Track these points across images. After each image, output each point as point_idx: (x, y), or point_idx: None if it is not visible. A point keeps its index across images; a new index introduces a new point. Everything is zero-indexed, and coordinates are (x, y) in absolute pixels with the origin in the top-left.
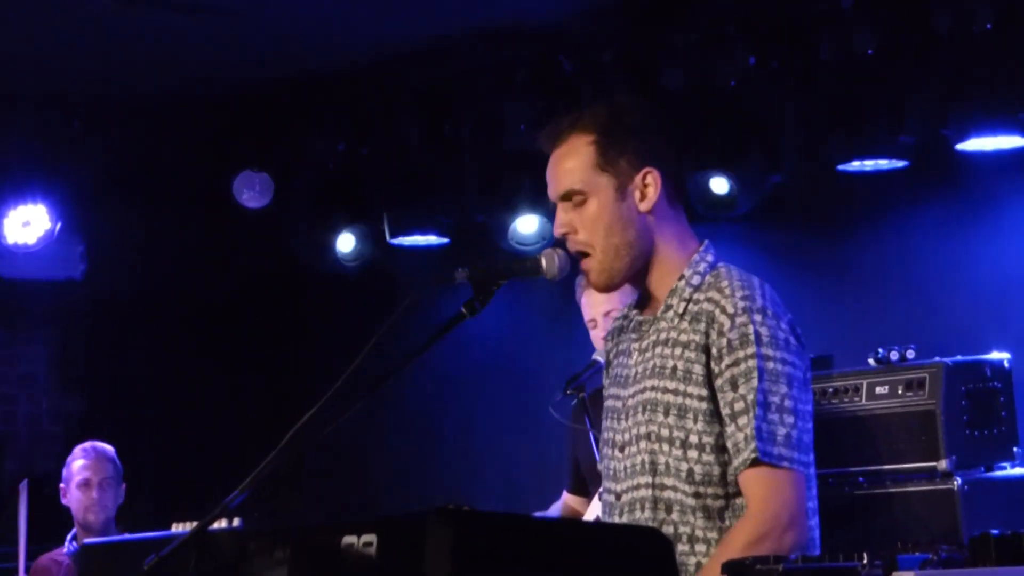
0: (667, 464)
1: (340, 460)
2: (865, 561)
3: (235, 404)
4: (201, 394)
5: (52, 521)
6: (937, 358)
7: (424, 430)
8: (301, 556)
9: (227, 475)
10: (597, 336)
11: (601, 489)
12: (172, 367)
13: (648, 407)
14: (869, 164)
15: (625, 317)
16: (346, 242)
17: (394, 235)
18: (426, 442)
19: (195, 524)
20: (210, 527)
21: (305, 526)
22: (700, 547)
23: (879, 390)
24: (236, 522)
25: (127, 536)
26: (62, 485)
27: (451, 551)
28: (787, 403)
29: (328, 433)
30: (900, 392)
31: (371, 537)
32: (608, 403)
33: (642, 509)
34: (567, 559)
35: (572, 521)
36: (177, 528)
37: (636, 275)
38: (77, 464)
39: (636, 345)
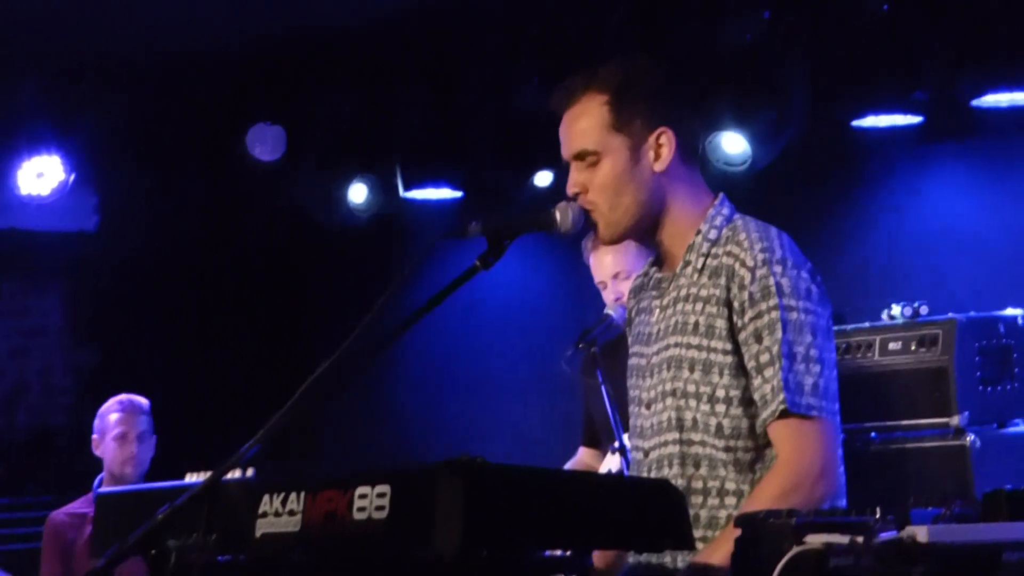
0: (694, 420)
1: (353, 413)
2: (878, 516)
3: (248, 356)
4: (214, 346)
5: (63, 475)
6: (950, 314)
7: (437, 383)
8: (314, 506)
9: (240, 426)
10: (608, 297)
11: (624, 446)
12: (185, 319)
13: (673, 364)
14: (883, 120)
15: (645, 275)
16: (359, 195)
17: (408, 188)
18: (439, 396)
19: (209, 474)
20: (224, 477)
21: (318, 477)
22: (730, 500)
23: (892, 346)
24: (250, 472)
25: (141, 486)
26: (95, 436)
27: (462, 502)
28: (812, 352)
29: (342, 386)
30: (913, 348)
31: (384, 488)
32: (632, 361)
33: (670, 465)
34: (577, 511)
35: (582, 473)
36: (191, 478)
37: (648, 232)
38: (113, 417)
39: (657, 303)
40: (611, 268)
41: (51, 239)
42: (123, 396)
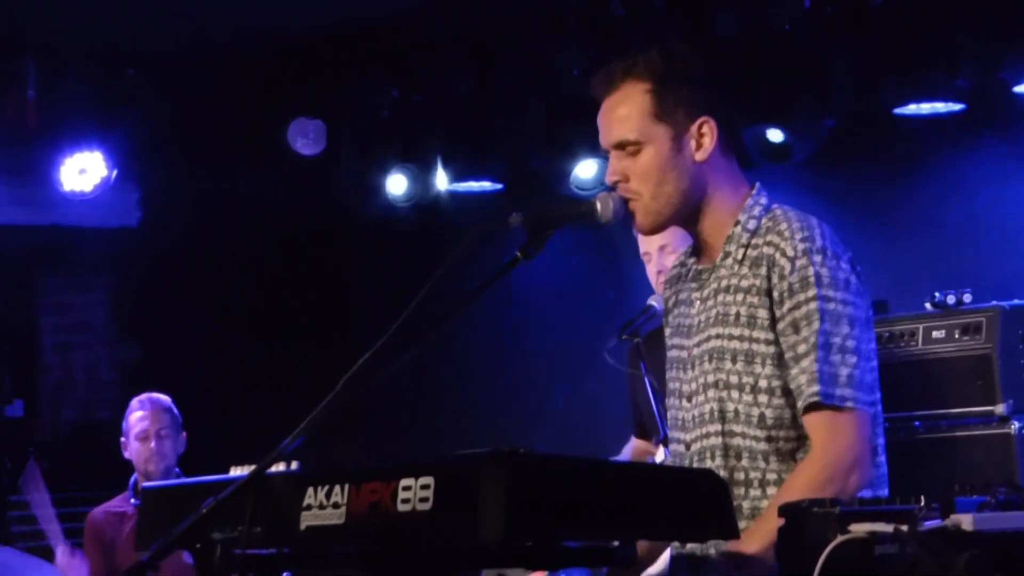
0: (736, 411)
1: (397, 404)
2: (922, 504)
3: (290, 349)
4: (257, 339)
5: (109, 470)
6: (994, 302)
7: (479, 375)
8: (358, 499)
9: (284, 419)
10: (651, 271)
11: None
12: (227, 313)
13: (715, 355)
14: (925, 107)
15: (682, 265)
16: (399, 189)
17: (448, 182)
18: (481, 387)
19: (253, 467)
20: (268, 470)
21: (362, 469)
22: (772, 490)
23: (936, 334)
24: (294, 465)
25: (186, 480)
26: (122, 439)
27: (505, 493)
28: (849, 343)
29: (383, 378)
30: (957, 336)
31: (428, 479)
32: (672, 353)
33: (712, 457)
34: (621, 501)
35: (626, 463)
36: (235, 471)
37: (686, 222)
38: (134, 416)
39: (697, 294)
40: (658, 240)
41: (94, 235)
42: (144, 395)
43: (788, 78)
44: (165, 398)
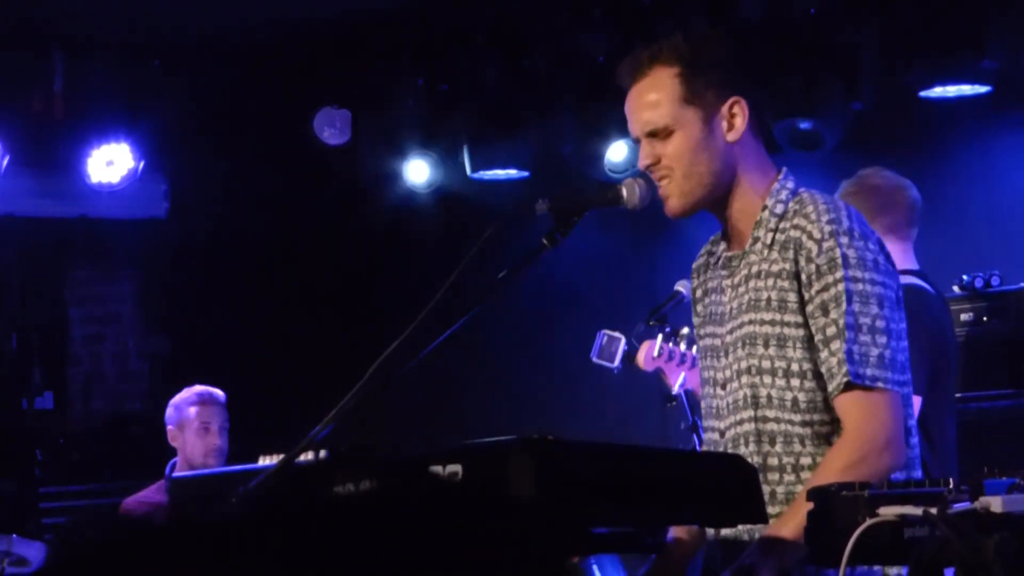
0: (769, 396)
1: (424, 392)
2: (952, 487)
3: (318, 338)
4: (284, 329)
5: (138, 461)
6: (1022, 284)
7: (507, 363)
8: (387, 486)
9: (312, 409)
10: None
11: (696, 423)
12: (254, 303)
13: (748, 341)
14: (952, 90)
15: (710, 254)
16: (426, 177)
17: (475, 169)
18: (510, 375)
19: (281, 457)
20: (297, 459)
21: (391, 456)
22: (806, 475)
23: (964, 317)
24: (322, 454)
25: (215, 469)
26: (171, 428)
27: (534, 479)
28: (879, 323)
29: (412, 366)
30: (985, 319)
31: (456, 467)
32: (705, 342)
33: (746, 443)
34: (649, 487)
35: (654, 449)
36: (264, 461)
37: (716, 205)
38: (193, 410)
39: (728, 282)
40: None
41: (122, 227)
42: (200, 388)
43: (815, 63)
44: (221, 393)
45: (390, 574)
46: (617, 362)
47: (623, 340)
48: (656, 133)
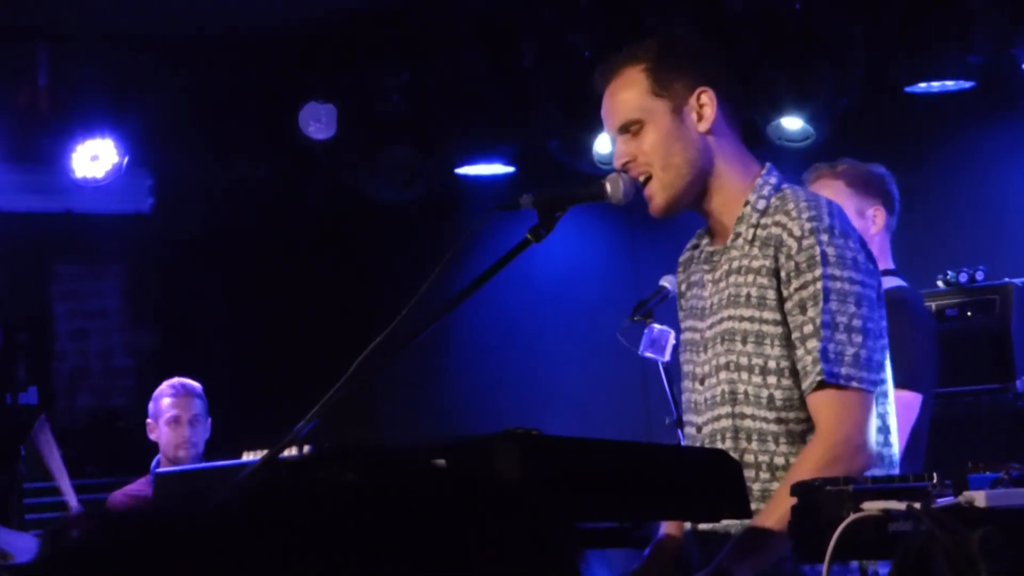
0: (746, 392)
1: (408, 387)
2: (935, 481)
3: (303, 334)
4: (270, 325)
5: (124, 457)
6: (1007, 279)
7: (492, 357)
8: (370, 480)
9: (296, 405)
10: None
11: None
12: (241, 299)
13: (727, 337)
14: (936, 85)
15: (695, 247)
16: (412, 172)
17: (459, 164)
18: (494, 369)
19: (265, 452)
20: (281, 455)
21: (374, 450)
22: (781, 474)
23: (949, 312)
24: (306, 449)
25: (199, 465)
26: (149, 421)
27: (519, 474)
28: (855, 323)
29: (396, 361)
30: (970, 314)
31: (441, 461)
32: (685, 336)
33: (723, 439)
34: (634, 481)
35: (638, 444)
36: (248, 456)
37: (698, 200)
38: (166, 401)
39: (709, 276)
40: None
41: (107, 221)
42: (176, 380)
43: (800, 58)
44: (196, 384)
45: (373, 568)
46: (667, 356)
47: (672, 333)
48: (628, 128)
